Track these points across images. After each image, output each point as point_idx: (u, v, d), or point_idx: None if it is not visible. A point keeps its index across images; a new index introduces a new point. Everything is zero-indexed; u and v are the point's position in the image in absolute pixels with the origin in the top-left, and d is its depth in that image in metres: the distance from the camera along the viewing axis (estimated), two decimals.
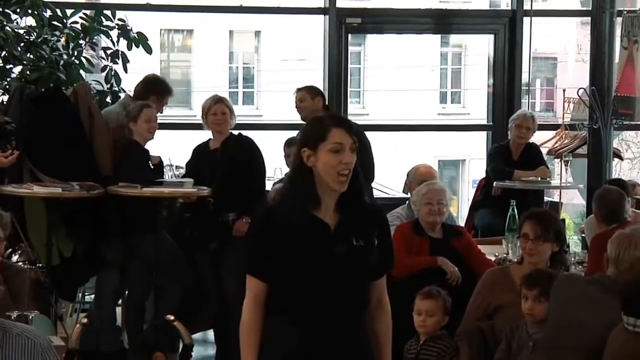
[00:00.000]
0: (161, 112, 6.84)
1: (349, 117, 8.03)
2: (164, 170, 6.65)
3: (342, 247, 3.21)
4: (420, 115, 16.23)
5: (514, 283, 4.73)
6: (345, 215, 3.25)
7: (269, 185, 6.80)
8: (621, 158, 8.80)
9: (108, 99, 7.57)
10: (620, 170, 8.69)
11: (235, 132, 6.52)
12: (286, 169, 6.90)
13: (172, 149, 7.07)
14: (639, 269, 3.86)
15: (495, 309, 4.80)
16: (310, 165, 3.22)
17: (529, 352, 4.41)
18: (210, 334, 7.00)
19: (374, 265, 3.29)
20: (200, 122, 6.56)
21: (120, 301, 6.91)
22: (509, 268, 4.99)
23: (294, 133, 7.24)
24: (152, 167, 6.39)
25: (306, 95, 7.09)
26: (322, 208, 3.24)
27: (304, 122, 7.13)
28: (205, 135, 6.63)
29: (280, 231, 3.21)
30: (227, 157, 6.38)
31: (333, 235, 3.23)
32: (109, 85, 7.71)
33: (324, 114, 3.36)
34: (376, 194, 7.44)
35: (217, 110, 6.42)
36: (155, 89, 6.82)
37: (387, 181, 8.98)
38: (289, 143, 6.81)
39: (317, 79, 8.18)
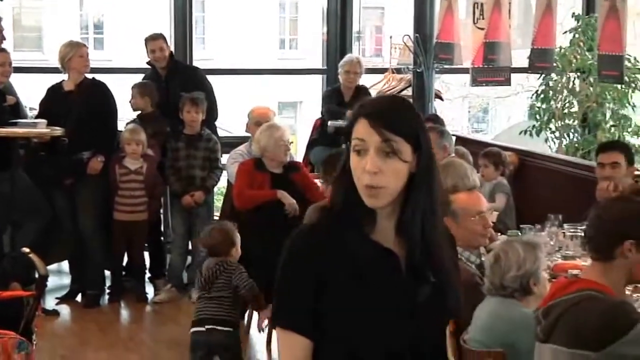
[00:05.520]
0: (5, 39, 6.91)
1: (195, 63, 8.41)
2: (23, 110, 6.88)
3: (423, 287, 2.17)
4: (261, 60, 16.68)
5: None
6: (412, 242, 2.16)
7: (120, 126, 7.10)
8: (442, 99, 9.40)
9: None
10: (442, 109, 9.32)
11: (89, 76, 6.83)
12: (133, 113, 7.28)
13: (25, 91, 7.28)
14: None
15: None
16: None
17: None
18: (65, 264, 7.30)
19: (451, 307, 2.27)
20: (51, 66, 6.76)
21: None
22: None
23: (140, 77, 7.59)
24: (8, 107, 6.60)
25: (164, 44, 7.40)
26: (379, 231, 2.17)
27: (151, 68, 7.45)
28: (56, 77, 6.88)
29: (331, 263, 2.12)
30: (83, 99, 6.66)
31: (406, 270, 2.17)
32: None
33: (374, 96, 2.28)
34: (221, 133, 7.79)
35: (83, 53, 6.75)
36: None
37: (231, 122, 9.44)
38: (135, 86, 7.20)
39: (164, 26, 8.41)
